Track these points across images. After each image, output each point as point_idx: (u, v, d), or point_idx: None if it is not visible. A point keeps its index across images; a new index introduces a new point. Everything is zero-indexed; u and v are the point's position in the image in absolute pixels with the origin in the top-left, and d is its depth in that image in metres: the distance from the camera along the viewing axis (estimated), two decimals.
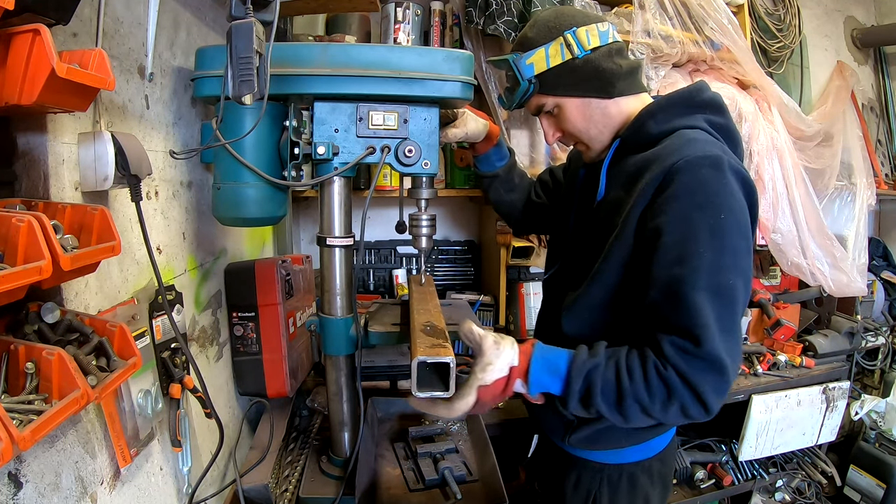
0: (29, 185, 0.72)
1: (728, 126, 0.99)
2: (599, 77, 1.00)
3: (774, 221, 2.17)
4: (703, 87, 1.01)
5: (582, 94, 1.02)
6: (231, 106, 0.95)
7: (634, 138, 1.00)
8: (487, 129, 1.27)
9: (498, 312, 2.12)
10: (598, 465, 1.10)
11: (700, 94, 0.99)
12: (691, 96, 0.99)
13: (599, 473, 1.10)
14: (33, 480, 0.66)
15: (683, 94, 1.00)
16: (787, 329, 2.29)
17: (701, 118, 0.97)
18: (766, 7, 2.48)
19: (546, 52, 1.01)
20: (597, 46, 0.99)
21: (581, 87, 1.02)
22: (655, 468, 1.12)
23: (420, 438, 1.34)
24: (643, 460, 1.10)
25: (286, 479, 1.28)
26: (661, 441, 1.13)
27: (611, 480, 1.10)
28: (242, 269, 1.37)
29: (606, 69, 1.00)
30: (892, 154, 3.00)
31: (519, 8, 1.77)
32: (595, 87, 1.01)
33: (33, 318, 0.68)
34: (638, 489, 1.10)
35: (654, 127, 0.97)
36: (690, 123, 0.96)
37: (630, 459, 1.10)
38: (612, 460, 1.10)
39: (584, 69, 1.00)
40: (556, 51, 1.00)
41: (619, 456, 1.09)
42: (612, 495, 1.10)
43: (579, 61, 0.99)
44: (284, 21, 1.74)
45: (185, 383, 1.01)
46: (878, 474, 2.40)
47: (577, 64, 1.00)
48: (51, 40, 0.59)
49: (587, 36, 0.99)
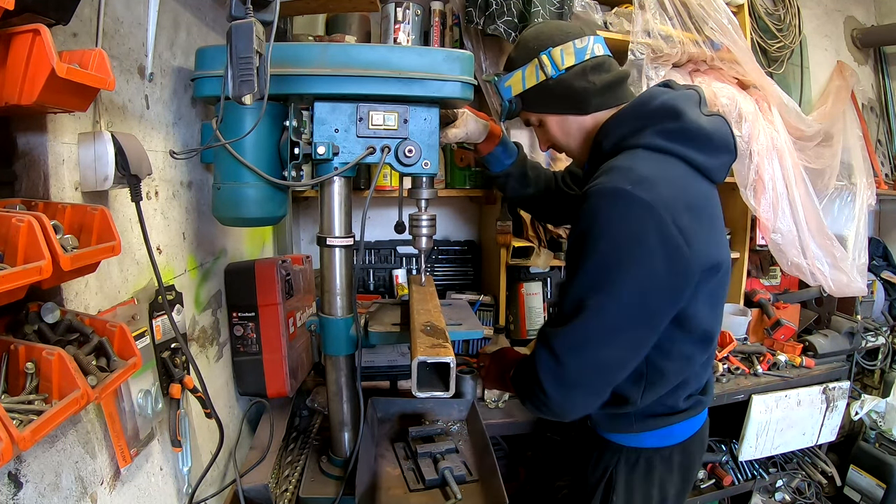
0: (29, 185, 0.72)
1: (684, 128, 0.97)
2: (572, 96, 1.07)
3: (774, 221, 2.17)
4: (653, 94, 1.01)
5: (557, 112, 1.11)
6: (231, 106, 0.95)
7: (595, 156, 1.07)
8: (488, 129, 1.28)
9: (498, 312, 2.12)
10: (616, 446, 1.16)
11: (649, 105, 1.00)
12: (640, 107, 1.01)
13: (618, 454, 1.16)
14: (33, 480, 0.66)
15: (633, 106, 1.03)
16: (787, 329, 2.29)
17: (649, 132, 0.98)
18: (766, 7, 2.48)
19: (522, 73, 1.10)
20: (571, 65, 1.06)
21: (555, 106, 1.10)
22: (676, 458, 1.16)
23: (420, 438, 1.34)
24: (662, 447, 1.14)
25: (286, 479, 1.28)
26: (684, 431, 1.16)
27: (628, 461, 1.15)
28: (242, 269, 1.37)
29: (579, 88, 1.06)
30: (892, 154, 3.00)
31: (519, 8, 1.77)
32: (569, 105, 1.09)
33: (33, 318, 0.67)
34: (654, 474, 1.15)
35: (605, 145, 1.03)
36: (634, 142, 0.99)
37: (647, 445, 1.14)
38: (630, 443, 1.15)
39: (557, 89, 1.07)
40: (531, 72, 1.09)
41: (636, 440, 1.15)
42: (629, 475, 1.15)
43: (552, 82, 1.07)
44: (284, 21, 1.74)
45: (185, 383, 1.01)
46: (878, 474, 2.40)
47: (550, 84, 1.07)
48: (51, 40, 0.59)
49: (562, 56, 1.05)
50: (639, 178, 0.89)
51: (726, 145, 1.02)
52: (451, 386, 0.87)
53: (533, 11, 1.73)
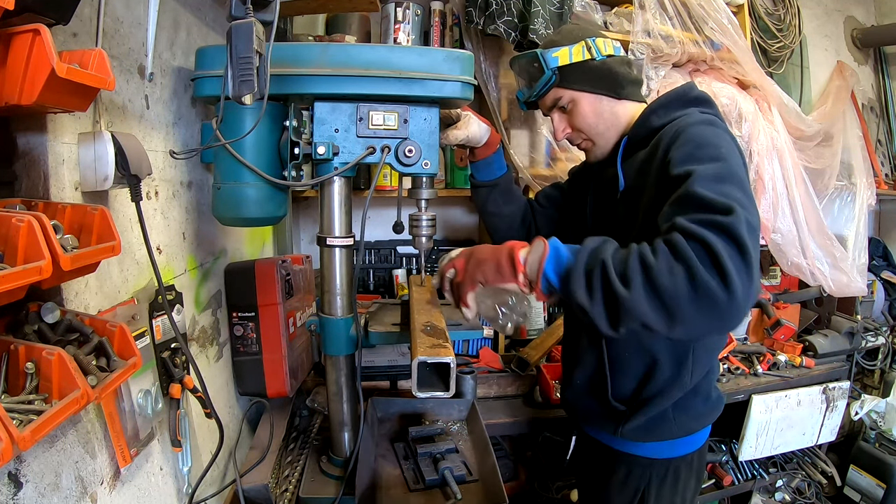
0: (29, 185, 0.72)
1: (717, 118, 1.07)
2: (613, 77, 1.13)
3: (774, 221, 2.17)
4: (693, 86, 1.13)
5: (596, 91, 1.14)
6: (231, 106, 0.95)
7: (640, 133, 1.11)
8: (489, 134, 1.28)
9: None
10: (646, 461, 1.14)
11: (691, 92, 1.11)
12: (684, 93, 1.11)
13: (648, 469, 1.14)
14: (33, 480, 0.66)
15: (678, 92, 1.12)
16: (787, 329, 2.29)
17: (695, 110, 1.06)
18: (766, 7, 2.48)
19: (570, 50, 1.14)
20: (611, 55, 1.14)
21: (596, 84, 1.14)
22: (695, 463, 1.18)
23: (420, 438, 1.33)
24: (687, 454, 1.15)
25: (286, 479, 1.28)
26: (703, 435, 1.18)
27: (658, 475, 1.14)
28: (242, 269, 1.37)
29: (619, 72, 1.14)
30: (892, 154, 3.00)
31: (519, 8, 1.77)
32: (608, 86, 1.14)
33: (33, 318, 0.67)
34: (679, 484, 1.16)
35: (656, 121, 1.08)
36: (685, 113, 1.06)
37: (678, 453, 1.15)
38: (662, 454, 1.14)
39: (601, 69, 1.13)
40: (578, 50, 1.13)
41: (670, 449, 1.14)
42: (659, 491, 1.14)
43: (597, 62, 1.13)
44: (284, 21, 1.74)
45: (185, 383, 1.01)
46: (878, 474, 2.40)
47: (595, 64, 1.13)
48: (51, 40, 0.59)
49: (605, 45, 1.14)
50: (715, 120, 1.01)
51: None
52: (452, 386, 0.87)
53: (533, 11, 1.73)
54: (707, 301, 0.68)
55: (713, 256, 0.67)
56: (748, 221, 0.71)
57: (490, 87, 1.90)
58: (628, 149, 1.13)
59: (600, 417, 1.19)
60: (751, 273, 0.68)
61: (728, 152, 0.89)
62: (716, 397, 1.18)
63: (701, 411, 1.14)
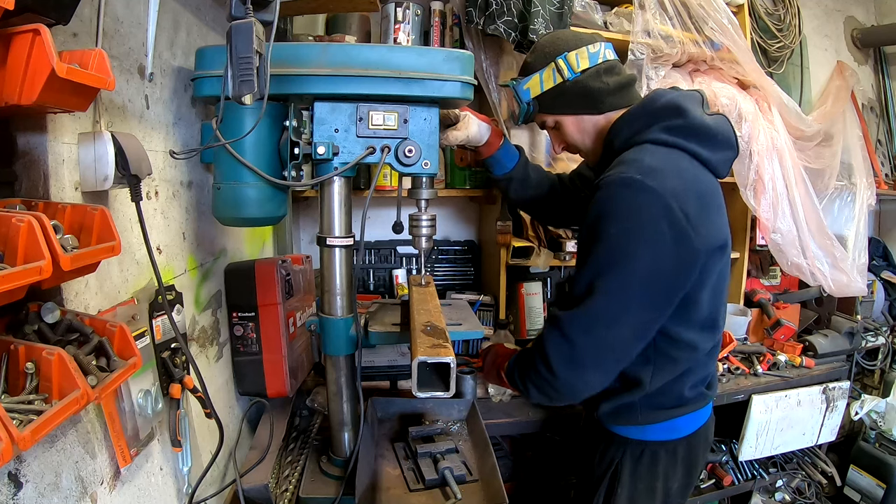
0: (29, 185, 0.72)
1: (689, 125, 1.03)
2: (588, 96, 1.12)
3: (774, 221, 2.17)
4: (659, 94, 1.08)
5: (574, 112, 1.15)
6: (231, 106, 0.95)
7: (607, 153, 1.11)
8: (490, 132, 1.29)
9: (498, 312, 2.11)
10: (622, 439, 1.19)
11: (655, 103, 1.07)
12: (647, 106, 1.08)
13: (623, 446, 1.19)
14: (33, 480, 0.66)
15: (642, 105, 1.09)
16: (787, 329, 2.29)
17: (657, 128, 1.04)
18: (766, 7, 2.48)
19: (540, 77, 1.15)
20: (586, 68, 1.11)
21: (572, 106, 1.15)
22: (681, 452, 1.18)
23: (420, 438, 1.33)
24: (668, 441, 1.17)
25: (286, 479, 1.28)
26: (688, 425, 1.19)
27: (633, 454, 1.18)
28: (242, 269, 1.37)
29: (594, 88, 1.12)
30: (892, 154, 3.00)
31: (519, 8, 1.77)
32: (585, 105, 1.14)
33: (33, 318, 0.67)
34: (658, 467, 1.17)
35: (616, 143, 1.09)
36: (643, 138, 1.04)
37: (653, 438, 1.17)
38: (635, 436, 1.18)
39: (574, 90, 1.13)
40: (548, 75, 1.14)
41: (642, 433, 1.17)
42: (633, 466, 1.18)
43: (569, 83, 1.12)
44: (284, 21, 1.74)
45: (185, 383, 1.01)
46: (878, 474, 2.40)
47: (567, 86, 1.13)
48: (51, 40, 0.59)
49: (577, 59, 1.11)
50: (647, 169, 0.95)
51: (728, 141, 1.08)
52: (452, 386, 0.87)
53: (533, 11, 1.73)
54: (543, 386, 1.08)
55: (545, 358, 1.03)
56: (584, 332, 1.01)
57: (490, 87, 1.90)
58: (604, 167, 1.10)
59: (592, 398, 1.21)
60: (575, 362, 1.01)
61: (625, 226, 0.94)
62: (692, 397, 1.16)
63: (669, 407, 1.15)
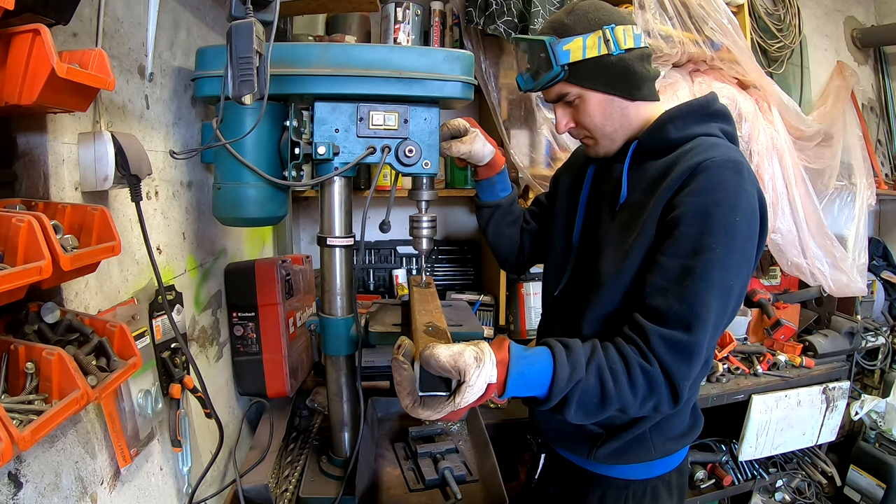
0: (29, 185, 0.72)
1: (735, 136, 1.04)
2: (629, 77, 1.01)
3: (774, 221, 2.17)
4: (714, 98, 1.04)
5: (608, 91, 1.02)
6: (231, 106, 0.95)
7: (653, 142, 1.02)
8: (493, 154, 1.23)
9: (498, 312, 2.12)
10: (623, 482, 1.08)
11: (713, 105, 1.03)
12: (706, 106, 1.02)
13: (625, 491, 1.08)
14: (33, 480, 0.66)
15: (700, 103, 1.02)
16: (787, 329, 2.29)
17: (716, 127, 1.01)
18: (766, 7, 2.48)
19: (584, 42, 0.99)
20: (631, 48, 1.00)
21: (609, 84, 1.02)
22: (675, 481, 1.11)
23: (420, 438, 1.34)
24: (665, 473, 1.09)
25: (286, 479, 1.28)
26: (681, 453, 1.12)
27: (636, 497, 1.08)
28: (242, 269, 1.37)
29: (637, 71, 1.01)
30: (892, 154, 3.00)
31: (519, 8, 1.77)
32: (622, 87, 1.02)
33: (33, 318, 0.67)
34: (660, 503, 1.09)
35: (673, 132, 1.00)
36: (707, 131, 1.00)
37: (655, 473, 1.08)
38: (639, 475, 1.08)
39: (617, 67, 1.00)
40: (593, 43, 0.99)
41: (646, 470, 1.08)
42: None
43: (614, 58, 1.00)
44: (284, 21, 1.74)
45: (185, 383, 1.01)
46: (878, 474, 2.40)
47: (611, 60, 1.00)
48: (51, 40, 0.59)
49: (624, 35, 1.00)
50: (741, 155, 0.95)
51: None
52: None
53: (533, 11, 1.73)
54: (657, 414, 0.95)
55: (674, 389, 0.86)
56: (710, 343, 0.88)
57: (490, 87, 1.90)
58: (637, 154, 1.03)
59: (573, 439, 1.11)
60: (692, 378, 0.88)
61: (741, 221, 0.87)
62: (695, 418, 1.12)
63: (680, 432, 1.08)
